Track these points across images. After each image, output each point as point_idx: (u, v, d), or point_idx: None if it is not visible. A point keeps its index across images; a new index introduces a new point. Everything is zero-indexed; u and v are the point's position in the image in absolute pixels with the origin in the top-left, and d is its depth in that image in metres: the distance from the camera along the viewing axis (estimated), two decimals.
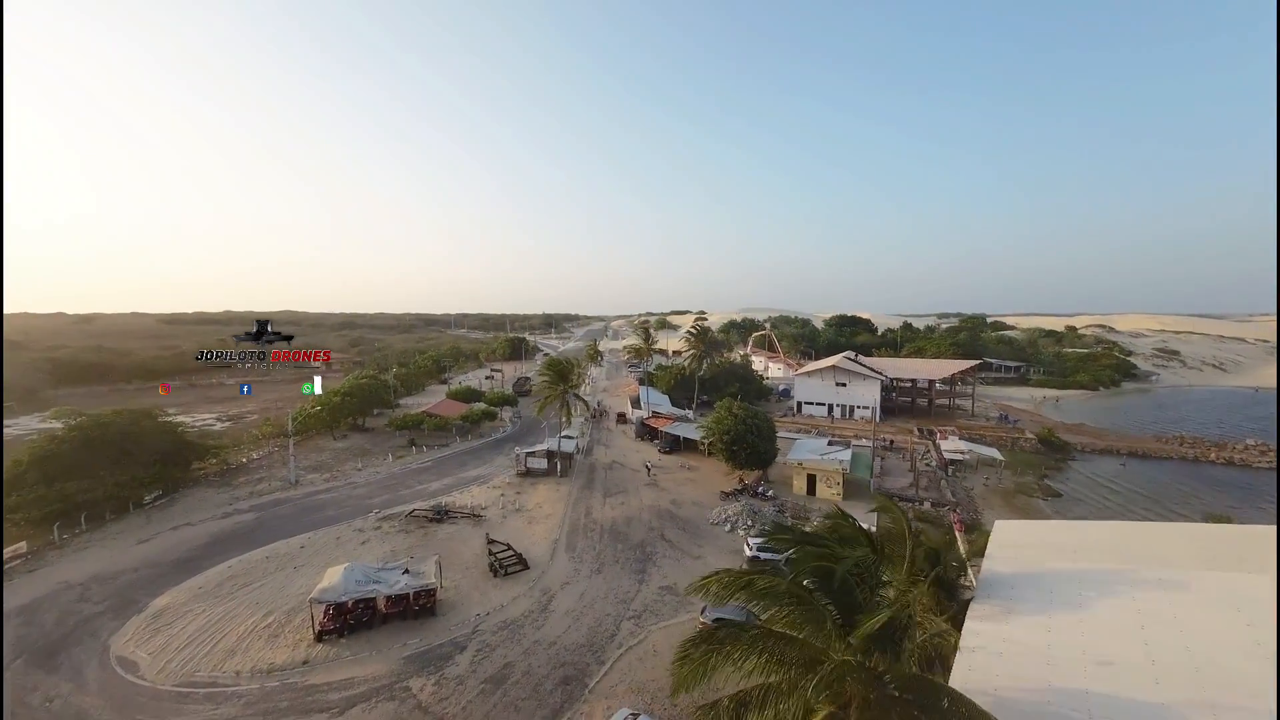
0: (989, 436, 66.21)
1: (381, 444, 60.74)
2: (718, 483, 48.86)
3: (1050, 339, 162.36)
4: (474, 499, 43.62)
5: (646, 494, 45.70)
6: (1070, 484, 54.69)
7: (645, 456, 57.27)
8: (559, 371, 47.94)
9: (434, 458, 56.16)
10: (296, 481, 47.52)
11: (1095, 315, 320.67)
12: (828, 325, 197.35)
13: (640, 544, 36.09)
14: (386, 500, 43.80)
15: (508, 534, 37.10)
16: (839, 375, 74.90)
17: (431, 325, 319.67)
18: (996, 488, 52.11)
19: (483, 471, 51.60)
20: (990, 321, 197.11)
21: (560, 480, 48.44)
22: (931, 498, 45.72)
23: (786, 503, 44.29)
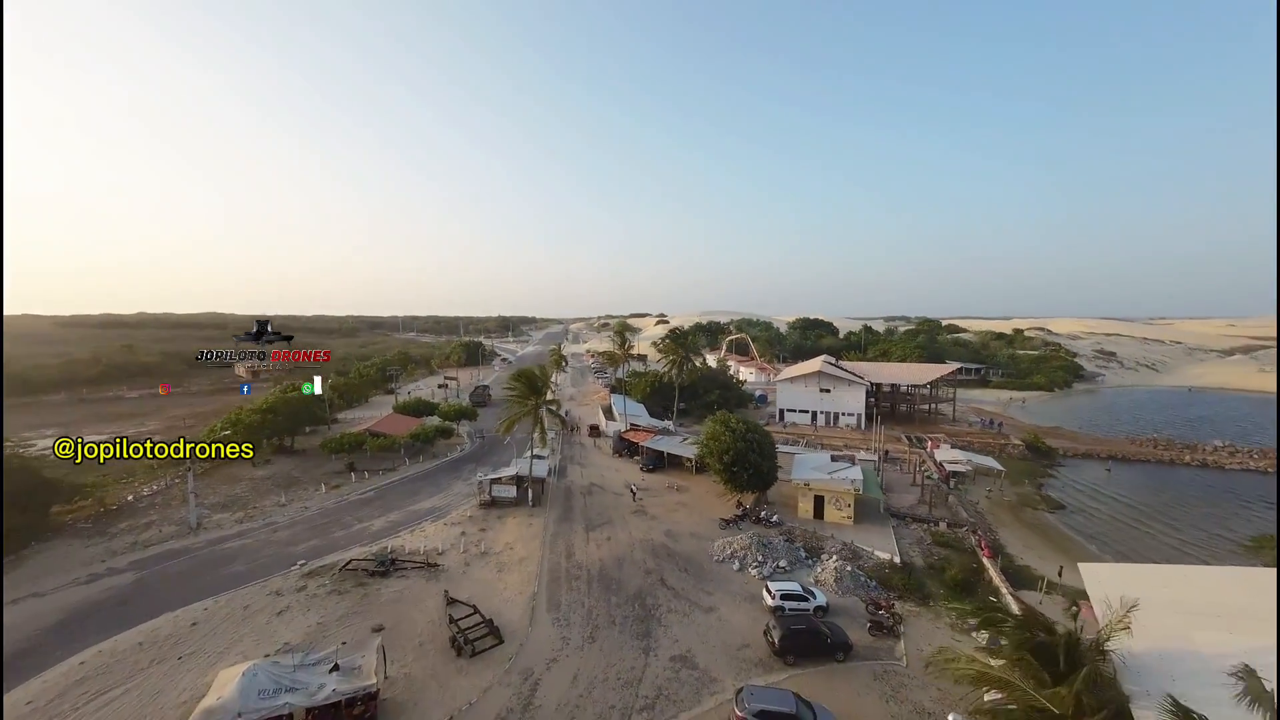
0: (976, 443, 64.26)
1: (313, 470, 51.33)
2: (713, 506, 43.26)
3: (1001, 342, 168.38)
4: (428, 540, 35.90)
5: (635, 524, 39.42)
6: (1066, 492, 52.81)
7: (627, 477, 50.98)
8: (530, 383, 40.93)
9: (378, 486, 47.56)
10: (198, 525, 38.08)
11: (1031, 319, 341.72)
12: (791, 328, 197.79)
13: (638, 594, 29.77)
14: (315, 547, 35.33)
15: (472, 588, 29.90)
16: (823, 381, 71.41)
17: (377, 328, 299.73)
18: (999, 500, 49.33)
19: (438, 502, 43.68)
20: (944, 325, 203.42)
21: (532, 511, 41.36)
22: (945, 517, 41.91)
23: (794, 529, 39.19)
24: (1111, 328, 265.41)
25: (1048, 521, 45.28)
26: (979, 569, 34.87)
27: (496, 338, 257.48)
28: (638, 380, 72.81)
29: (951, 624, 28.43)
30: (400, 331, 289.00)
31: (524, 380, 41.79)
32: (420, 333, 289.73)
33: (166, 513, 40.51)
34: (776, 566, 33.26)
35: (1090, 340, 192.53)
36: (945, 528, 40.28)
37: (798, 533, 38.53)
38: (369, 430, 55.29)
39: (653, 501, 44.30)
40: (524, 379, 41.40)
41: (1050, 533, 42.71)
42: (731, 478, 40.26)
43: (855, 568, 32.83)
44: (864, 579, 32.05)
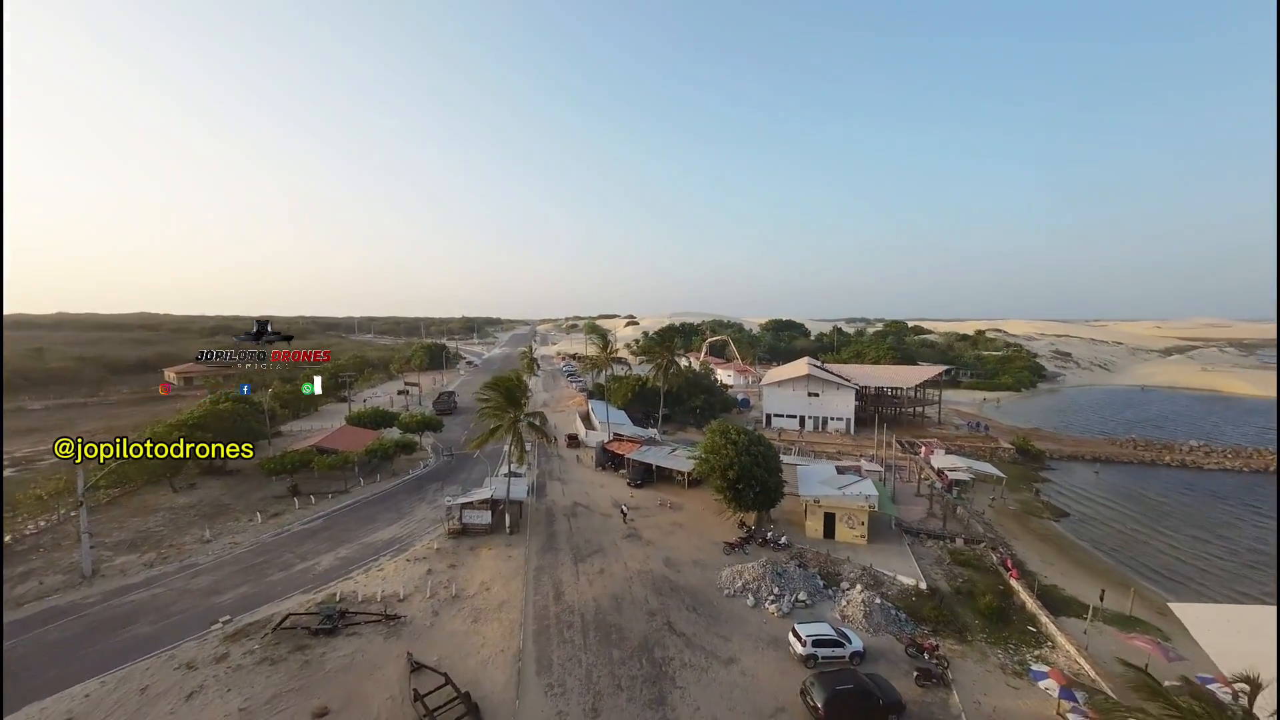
0: (967, 447, 62.80)
1: (248, 495, 44.23)
2: (712, 526, 39.13)
3: (966, 343, 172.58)
4: (386, 583, 30.18)
5: (629, 551, 34.79)
6: (1064, 498, 51.51)
7: (614, 494, 46.24)
8: (507, 393, 35.62)
9: (327, 513, 41.08)
10: (94, 573, 30.99)
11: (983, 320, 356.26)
12: (764, 329, 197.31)
13: (643, 644, 25.17)
14: (244, 596, 29.03)
15: (443, 647, 24.61)
16: (812, 385, 68.69)
17: (331, 330, 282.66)
18: (1003, 508, 47.30)
19: (399, 531, 37.75)
20: (910, 325, 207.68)
21: (510, 539, 36.08)
22: (960, 532, 39.15)
23: (805, 551, 35.46)
24: (1059, 329, 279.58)
25: (1057, 532, 43.37)
26: (1006, 591, 32.03)
27: (460, 340, 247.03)
28: (618, 385, 68.11)
29: (1001, 664, 25.15)
30: (356, 333, 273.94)
31: (501, 390, 36.48)
32: (378, 334, 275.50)
33: (53, 557, 33.05)
34: (796, 600, 29.34)
35: (1044, 341, 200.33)
36: (962, 544, 37.47)
37: (810, 556, 34.84)
38: (317, 446, 48.39)
39: (645, 522, 39.77)
40: (500, 388, 36.11)
41: (1064, 545, 40.68)
42: (736, 496, 36.19)
43: (882, 598, 29.28)
44: (894, 612, 28.53)
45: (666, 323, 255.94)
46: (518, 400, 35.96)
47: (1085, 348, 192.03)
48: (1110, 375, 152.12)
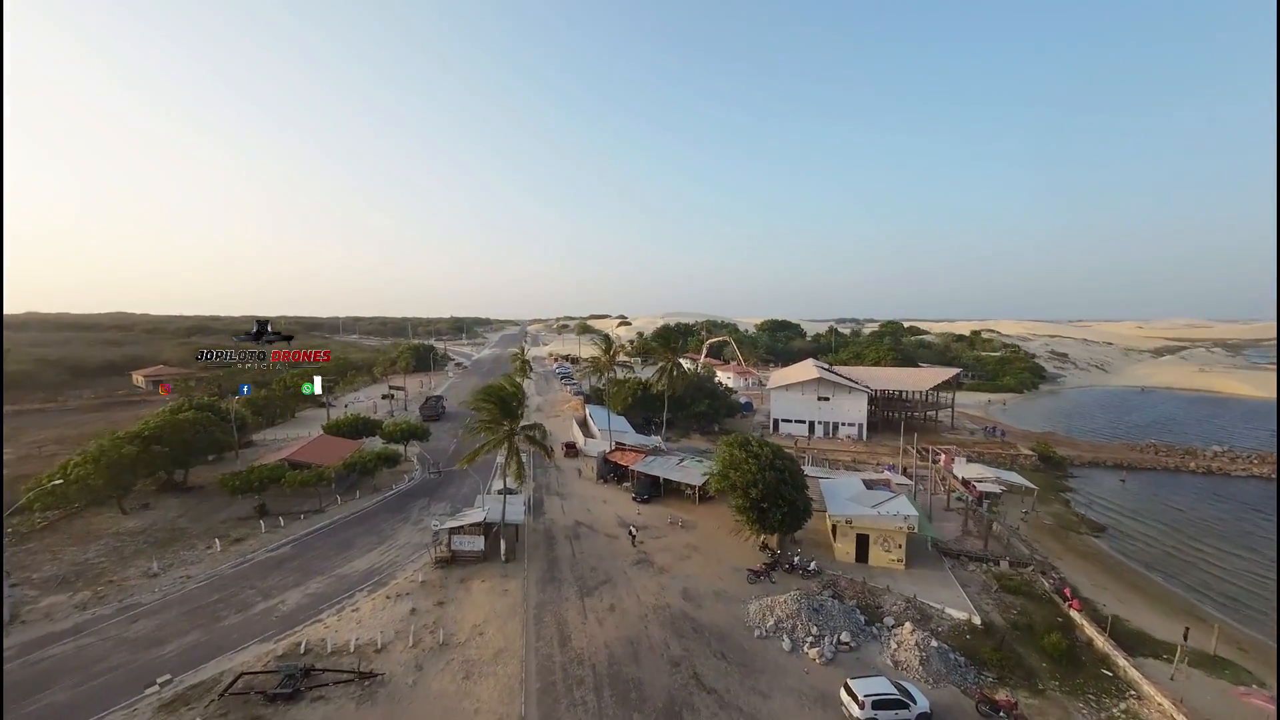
0: (986, 454, 59.67)
1: (209, 516, 39.42)
2: (730, 549, 35.25)
3: (963, 343, 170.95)
4: (362, 627, 25.83)
5: (641, 581, 30.77)
6: (1095, 510, 48.42)
7: (618, 510, 42.20)
8: (502, 404, 31.34)
9: (297, 537, 36.45)
10: (13, 618, 26.21)
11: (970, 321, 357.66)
12: (760, 330, 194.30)
13: (669, 706, 21.19)
14: (191, 647, 24.50)
15: (428, 713, 20.39)
16: (822, 389, 65.19)
17: (314, 331, 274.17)
18: (1036, 522, 44.00)
19: (378, 560, 33.30)
20: (907, 326, 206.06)
21: (506, 569, 31.85)
22: (1003, 553, 35.65)
23: (838, 579, 31.68)
24: (1049, 329, 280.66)
25: (1099, 549, 40.14)
26: (1066, 623, 28.56)
27: (449, 340, 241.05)
28: (618, 389, 64.01)
29: None
30: (341, 334, 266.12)
31: (495, 400, 32.16)
32: (364, 335, 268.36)
33: None
34: (838, 642, 25.53)
35: (1039, 342, 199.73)
36: (1008, 567, 33.96)
37: (844, 585, 31.04)
38: (288, 459, 43.66)
39: (656, 545, 35.77)
40: (495, 398, 31.80)
41: (1112, 565, 37.42)
42: (761, 517, 32.31)
43: (937, 639, 25.57)
44: (952, 655, 24.83)
45: (659, 323, 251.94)
46: (514, 411, 31.73)
47: (1080, 348, 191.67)
48: (1108, 376, 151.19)
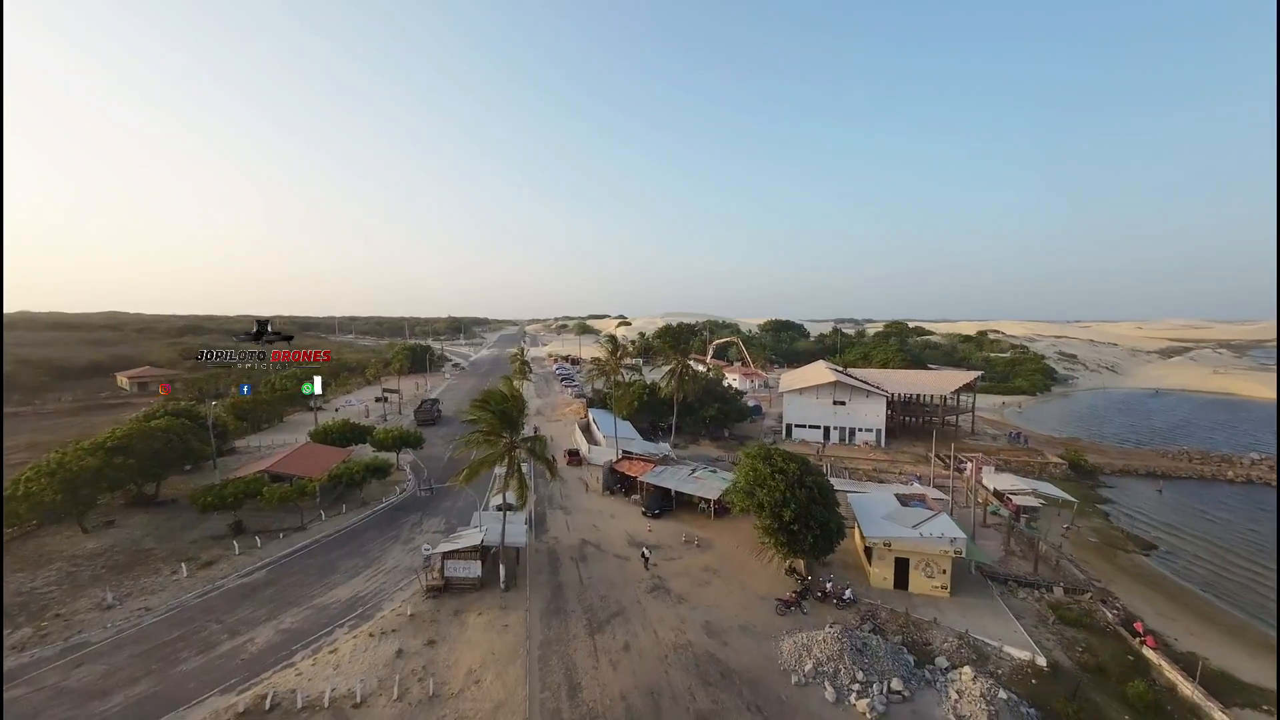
0: (1014, 462, 56.42)
1: (179, 535, 35.88)
2: (753, 573, 31.94)
3: (971, 344, 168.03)
4: (340, 672, 22.38)
5: (657, 613, 27.41)
6: (1137, 524, 45.20)
7: (627, 526, 38.83)
8: (501, 414, 27.84)
9: (274, 559, 32.97)
10: None
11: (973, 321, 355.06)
12: (763, 330, 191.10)
13: None
14: (140, 700, 21.03)
15: None
16: (838, 392, 61.87)
17: (309, 330, 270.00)
18: (1079, 539, 40.75)
19: (363, 587, 29.84)
20: (912, 327, 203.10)
21: (505, 599, 28.43)
22: (1056, 579, 32.33)
23: (877, 609, 28.34)
24: (1051, 330, 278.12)
25: (1154, 571, 36.86)
26: (1138, 663, 25.28)
27: (447, 340, 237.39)
28: (622, 392, 60.52)
29: None
30: (337, 334, 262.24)
31: (493, 409, 28.67)
32: (360, 335, 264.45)
33: None
34: (888, 690, 22.17)
35: (1046, 343, 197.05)
36: (1063, 594, 30.66)
37: (885, 617, 27.71)
38: (267, 471, 40.12)
39: (671, 568, 32.40)
40: (493, 407, 28.32)
41: (1172, 590, 34.13)
42: (791, 540, 28.93)
43: (1004, 687, 22.22)
44: (1024, 709, 21.49)
45: (659, 323, 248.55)
46: (515, 422, 28.24)
47: (1087, 349, 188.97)
48: (1119, 378, 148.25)
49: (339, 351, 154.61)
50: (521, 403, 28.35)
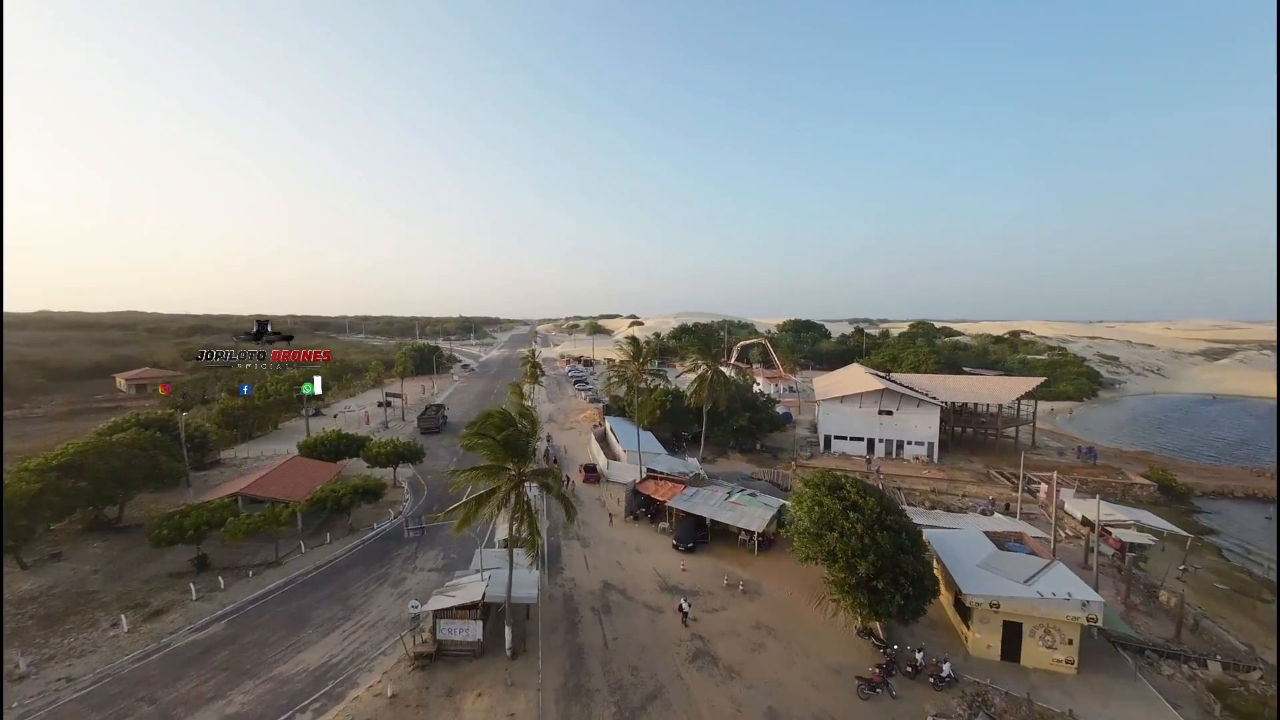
0: (1090, 483, 49.39)
1: (133, 572, 30.65)
2: (815, 629, 25.82)
3: (1004, 345, 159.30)
4: None
5: (705, 694, 21.40)
6: (1254, 560, 38.18)
7: (657, 562, 32.90)
8: (506, 439, 21.83)
9: (237, 606, 27.50)
10: None
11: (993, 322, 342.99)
12: (782, 331, 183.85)
13: None
14: None
15: None
16: (885, 401, 55.29)
17: (320, 330, 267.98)
18: (1200, 584, 33.86)
19: (337, 649, 24.19)
20: (939, 327, 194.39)
21: (512, 671, 22.56)
22: (1204, 648, 25.68)
23: (987, 692, 22.00)
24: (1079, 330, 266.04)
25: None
26: None
27: (456, 340, 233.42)
28: (643, 400, 54.50)
29: None
30: (347, 333, 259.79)
31: (495, 431, 22.66)
32: (370, 335, 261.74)
33: None
34: None
35: (1081, 343, 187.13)
36: (1221, 670, 24.04)
37: (1000, 706, 21.36)
38: (241, 493, 34.81)
39: (715, 623, 26.37)
40: (496, 428, 22.38)
41: None
42: (876, 602, 22.69)
43: None
44: None
45: (672, 323, 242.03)
46: (523, 450, 22.27)
47: (1127, 351, 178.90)
48: (1168, 382, 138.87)
49: (345, 352, 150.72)
50: (532, 424, 22.48)
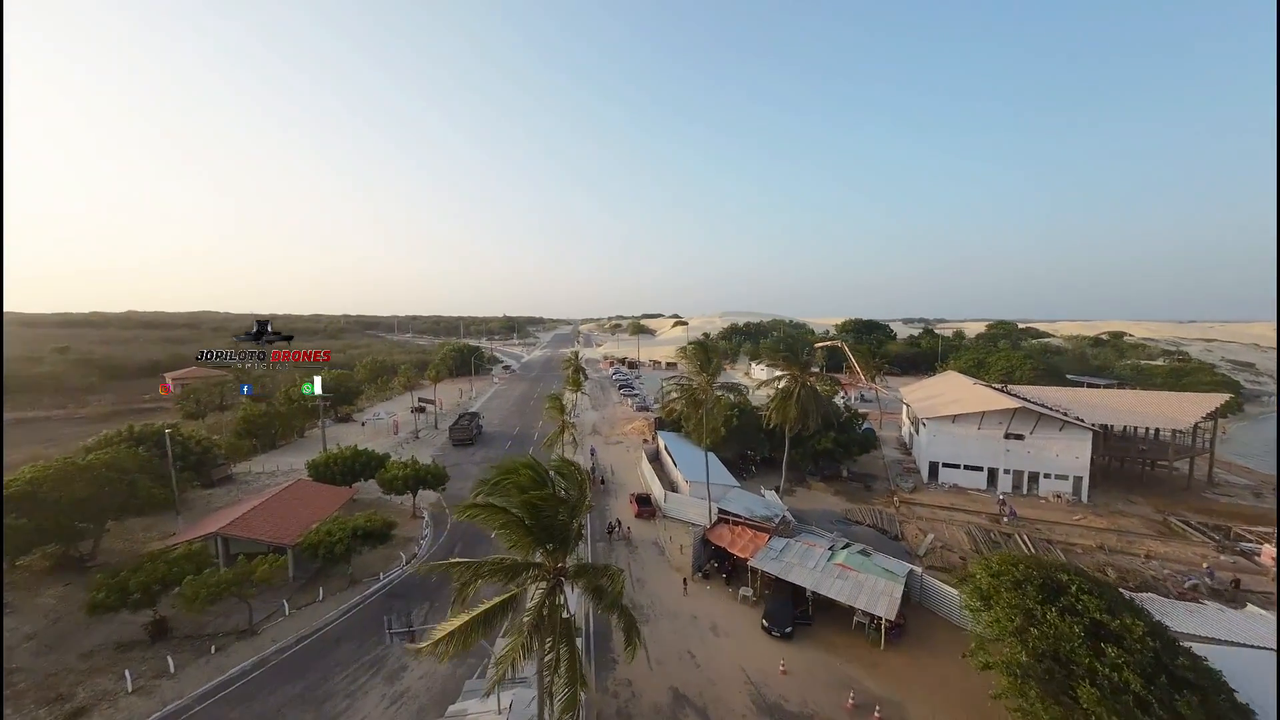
0: None
1: (72, 641, 24.24)
2: None
3: (1110, 349, 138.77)
4: None
5: None
6: None
7: (742, 655, 23.61)
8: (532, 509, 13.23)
9: (178, 708, 20.35)
10: None
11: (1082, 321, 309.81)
12: (842, 331, 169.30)
13: None
14: None
15: None
16: (1018, 422, 43.54)
17: (370, 329, 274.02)
18: None
19: None
20: (1022, 328, 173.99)
21: None
22: None
23: None
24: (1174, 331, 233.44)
25: None
26: None
27: (499, 340, 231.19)
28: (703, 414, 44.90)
29: None
30: (395, 333, 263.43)
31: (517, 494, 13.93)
32: (417, 334, 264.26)
33: None
34: None
35: (1196, 346, 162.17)
36: None
37: None
38: (220, 534, 28.12)
39: None
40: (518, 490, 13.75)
41: None
42: None
43: None
44: None
45: (718, 323, 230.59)
46: (564, 534, 13.36)
47: (1257, 355, 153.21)
48: None
49: (389, 352, 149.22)
50: (580, 487, 13.66)
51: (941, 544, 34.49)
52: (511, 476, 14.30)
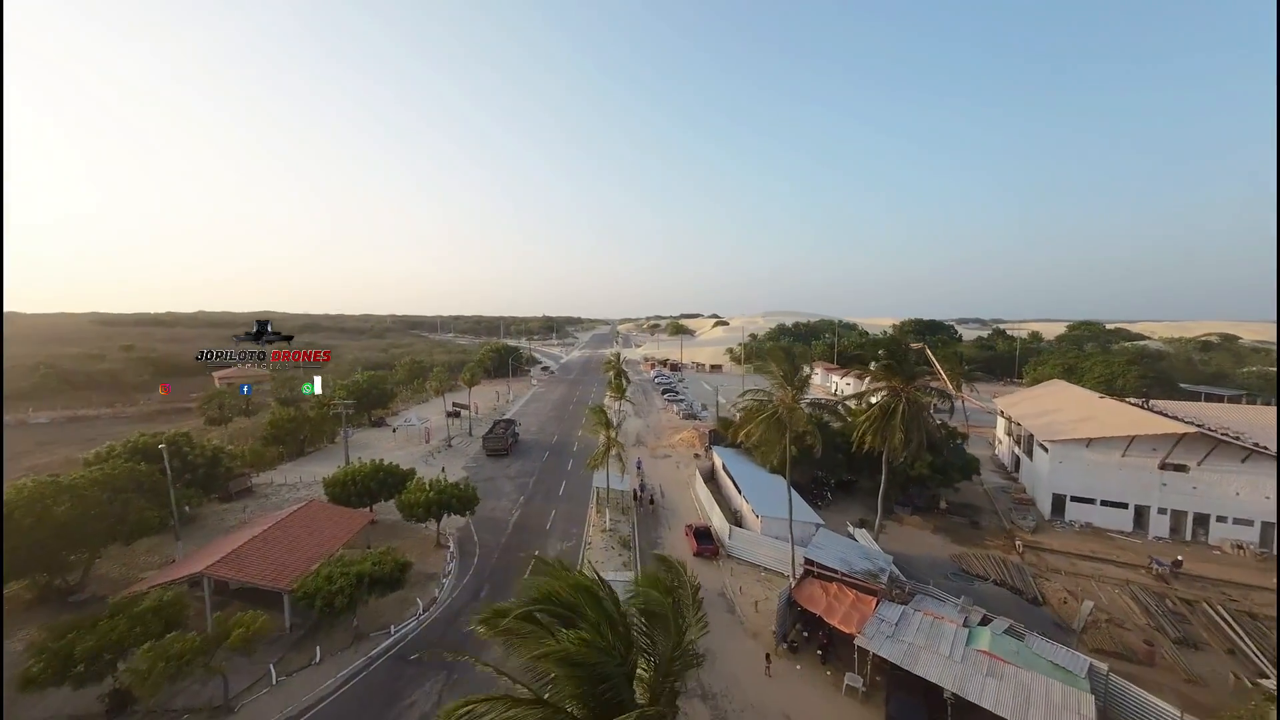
0: None
1: (19, 708, 19.98)
2: None
3: (1223, 353, 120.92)
4: None
5: None
6: None
7: None
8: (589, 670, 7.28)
9: None
10: None
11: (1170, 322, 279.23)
12: (901, 332, 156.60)
13: None
14: None
15: None
16: (1182, 450, 34.29)
17: (414, 329, 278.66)
18: None
19: None
20: (1110, 328, 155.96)
21: None
22: None
23: None
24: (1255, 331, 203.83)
25: None
26: None
27: (539, 340, 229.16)
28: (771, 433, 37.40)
29: None
30: (438, 332, 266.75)
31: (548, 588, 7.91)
32: (459, 334, 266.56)
33: None
34: None
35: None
36: None
37: None
38: (205, 575, 23.51)
39: None
40: (553, 614, 7.76)
41: None
42: None
43: None
44: None
45: (761, 323, 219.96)
46: (627, 695, 7.26)
47: None
48: None
49: (430, 351, 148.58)
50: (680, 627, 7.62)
51: (1106, 615, 26.14)
52: (548, 588, 8.08)
